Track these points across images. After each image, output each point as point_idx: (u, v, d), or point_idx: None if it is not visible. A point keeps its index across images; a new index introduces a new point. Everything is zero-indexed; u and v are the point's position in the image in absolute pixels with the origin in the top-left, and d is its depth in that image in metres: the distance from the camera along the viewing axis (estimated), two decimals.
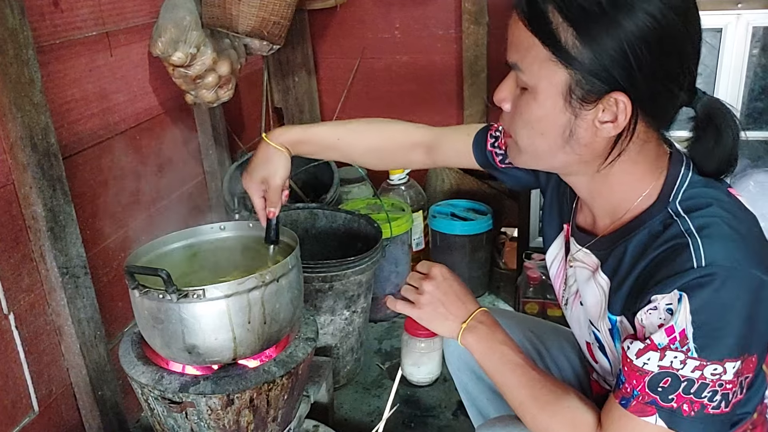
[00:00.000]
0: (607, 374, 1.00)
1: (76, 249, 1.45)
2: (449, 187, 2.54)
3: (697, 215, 0.79)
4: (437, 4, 2.45)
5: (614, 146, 0.81)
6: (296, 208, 2.01)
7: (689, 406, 0.76)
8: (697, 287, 0.74)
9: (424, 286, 1.02)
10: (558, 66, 0.77)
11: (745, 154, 2.00)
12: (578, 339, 1.04)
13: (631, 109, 0.76)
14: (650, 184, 0.85)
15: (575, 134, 0.80)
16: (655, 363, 0.77)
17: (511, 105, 0.86)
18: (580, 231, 0.97)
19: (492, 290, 2.40)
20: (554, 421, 0.88)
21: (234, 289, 1.16)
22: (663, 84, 0.77)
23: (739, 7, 1.72)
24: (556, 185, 1.05)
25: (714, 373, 0.75)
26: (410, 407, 1.82)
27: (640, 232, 0.84)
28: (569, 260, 0.99)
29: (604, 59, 0.74)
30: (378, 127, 1.24)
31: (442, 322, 1.01)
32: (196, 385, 1.21)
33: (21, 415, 1.38)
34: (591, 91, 0.77)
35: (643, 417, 0.78)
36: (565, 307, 1.04)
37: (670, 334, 0.75)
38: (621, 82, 0.75)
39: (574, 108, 0.79)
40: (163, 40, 1.67)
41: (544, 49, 0.77)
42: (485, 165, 1.16)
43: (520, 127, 0.85)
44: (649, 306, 0.78)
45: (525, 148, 0.87)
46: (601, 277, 0.89)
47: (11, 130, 1.29)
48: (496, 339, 0.97)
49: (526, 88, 0.82)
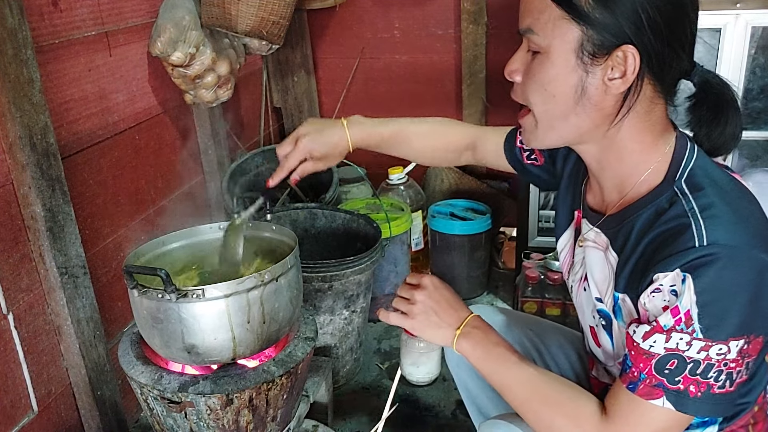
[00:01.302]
0: (609, 359, 1.00)
1: (75, 249, 1.45)
2: (448, 187, 2.54)
3: (700, 195, 0.80)
4: (436, 4, 2.46)
5: (623, 105, 0.83)
6: (295, 207, 2.01)
7: (696, 387, 0.78)
8: (700, 267, 0.75)
9: (415, 296, 1.03)
10: (570, 23, 0.80)
11: (744, 154, 2.01)
12: (582, 325, 1.05)
13: (639, 62, 0.79)
14: (656, 159, 0.86)
15: (587, 92, 0.82)
16: (662, 345, 0.78)
17: (523, 75, 0.88)
18: (591, 211, 0.98)
19: (491, 290, 2.40)
20: (557, 415, 0.88)
21: (233, 289, 1.16)
22: (669, 42, 0.79)
23: (737, 7, 1.73)
24: (571, 171, 1.07)
25: (719, 353, 0.76)
26: (409, 407, 1.82)
27: (648, 210, 0.85)
28: (579, 241, 1.00)
29: (615, 14, 0.78)
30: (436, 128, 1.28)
31: (436, 331, 1.02)
32: (196, 385, 1.21)
33: (20, 415, 1.38)
34: (602, 46, 0.79)
35: (651, 400, 0.79)
36: (571, 293, 1.06)
37: (675, 315, 0.77)
38: (630, 35, 0.78)
39: (585, 65, 0.81)
40: (162, 39, 1.67)
41: (557, 8, 0.80)
42: (514, 163, 1.20)
43: (533, 92, 0.87)
44: (652, 287, 0.79)
45: (539, 116, 0.88)
46: (612, 254, 0.90)
47: (10, 130, 1.29)
48: (491, 342, 0.98)
49: (538, 52, 0.84)
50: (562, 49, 0.81)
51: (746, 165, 2.01)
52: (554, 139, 0.91)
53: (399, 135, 1.24)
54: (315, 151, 1.20)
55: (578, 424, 0.86)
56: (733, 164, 1.89)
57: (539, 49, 0.84)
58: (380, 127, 1.24)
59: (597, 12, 0.78)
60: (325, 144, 1.20)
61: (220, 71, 1.83)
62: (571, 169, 1.07)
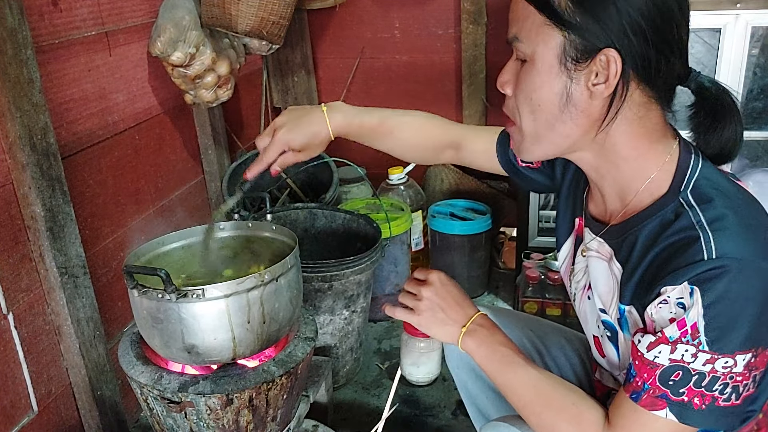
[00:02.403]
0: (614, 368, 0.99)
1: (75, 249, 1.45)
2: (448, 187, 2.54)
3: (707, 207, 0.79)
4: (436, 4, 2.45)
5: (609, 109, 0.82)
6: (295, 207, 2.01)
7: (700, 399, 0.77)
8: (708, 280, 0.74)
9: (422, 292, 1.02)
10: (553, 29, 0.80)
11: (744, 154, 2.01)
12: (586, 333, 1.04)
13: (621, 66, 0.78)
14: (657, 165, 0.85)
15: (572, 99, 0.82)
16: (666, 356, 0.77)
17: (513, 87, 0.88)
18: (593, 220, 0.97)
19: (491, 290, 2.40)
20: (560, 419, 0.88)
21: (233, 289, 1.16)
22: (655, 45, 0.78)
23: (738, 7, 1.72)
24: (571, 181, 1.06)
25: (725, 366, 0.75)
26: (409, 407, 1.82)
27: (652, 221, 0.84)
28: (582, 250, 0.99)
29: (596, 18, 0.77)
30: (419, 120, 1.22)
31: (442, 328, 1.01)
32: (196, 385, 1.21)
33: (20, 415, 1.38)
34: (584, 51, 0.79)
35: (654, 411, 0.79)
36: (574, 302, 1.04)
37: (681, 328, 0.76)
38: (612, 39, 0.77)
39: (569, 71, 0.80)
40: (162, 39, 1.67)
41: (539, 14, 0.80)
42: (506, 166, 1.16)
43: (521, 103, 0.86)
44: (659, 299, 0.78)
45: (526, 128, 0.87)
46: (616, 266, 0.89)
47: (10, 130, 1.29)
48: (496, 341, 0.97)
49: (525, 60, 0.84)
50: (545, 55, 0.81)
51: (746, 165, 2.01)
52: (543, 150, 0.90)
53: (381, 127, 1.18)
54: (293, 142, 1.14)
55: (581, 430, 0.86)
56: (733, 164, 1.89)
57: (525, 56, 0.84)
58: (362, 116, 1.18)
59: (578, 17, 0.78)
60: (303, 134, 1.14)
61: (220, 71, 1.83)
62: (571, 177, 1.06)
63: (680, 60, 0.82)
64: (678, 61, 0.82)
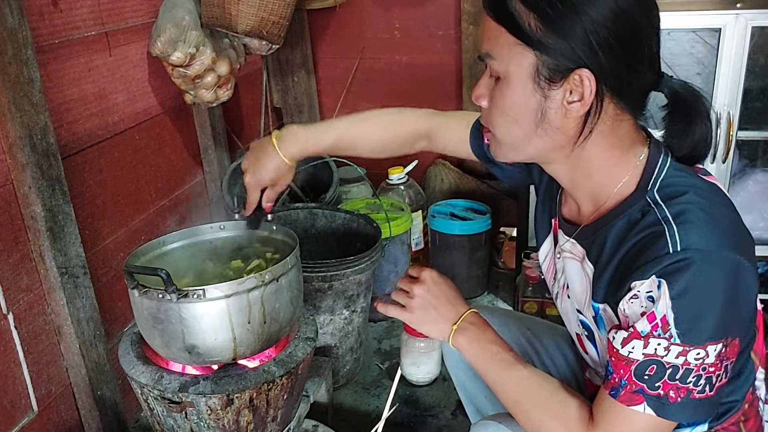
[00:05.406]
0: (597, 365, 1.01)
1: (75, 249, 1.45)
2: (448, 187, 2.54)
3: (673, 203, 0.80)
4: (436, 5, 2.45)
5: (584, 126, 0.83)
6: (295, 207, 2.01)
7: (675, 392, 0.78)
8: (674, 272, 0.75)
9: (414, 290, 1.03)
10: (524, 49, 0.80)
11: (744, 154, 2.01)
12: (570, 332, 1.06)
13: (596, 84, 0.79)
14: (628, 171, 0.87)
15: (546, 116, 0.83)
16: (640, 351, 0.79)
17: (488, 101, 0.89)
18: (566, 222, 0.98)
19: (491, 290, 2.40)
20: (547, 417, 0.89)
21: (234, 289, 1.16)
22: (625, 61, 0.79)
23: (737, 7, 1.72)
24: (548, 181, 1.06)
25: (697, 357, 0.76)
26: (409, 407, 1.82)
27: (620, 220, 0.85)
28: (557, 252, 1.01)
29: (566, 38, 0.78)
30: (381, 121, 1.23)
31: (433, 325, 1.02)
32: (196, 385, 1.21)
33: (20, 415, 1.38)
34: (556, 70, 0.79)
35: (632, 406, 0.80)
36: (556, 300, 1.06)
37: (651, 321, 0.77)
38: (583, 58, 0.78)
39: (543, 89, 0.81)
40: (162, 39, 1.67)
41: (510, 35, 0.81)
42: (481, 156, 1.16)
43: (496, 117, 0.87)
44: (630, 294, 0.80)
45: (502, 139, 0.89)
46: (588, 265, 0.91)
47: (10, 130, 1.29)
48: (487, 339, 0.98)
49: (499, 77, 0.85)
50: (519, 74, 0.82)
51: (747, 165, 2.01)
52: (520, 157, 0.92)
53: (340, 142, 1.21)
54: (261, 182, 1.24)
55: (567, 428, 0.87)
56: (733, 165, 1.89)
57: (499, 74, 0.84)
58: (317, 137, 1.20)
59: (548, 38, 0.78)
60: (266, 173, 1.22)
61: (220, 71, 1.83)
62: (548, 178, 1.06)
63: (651, 69, 0.83)
64: (649, 71, 0.83)
